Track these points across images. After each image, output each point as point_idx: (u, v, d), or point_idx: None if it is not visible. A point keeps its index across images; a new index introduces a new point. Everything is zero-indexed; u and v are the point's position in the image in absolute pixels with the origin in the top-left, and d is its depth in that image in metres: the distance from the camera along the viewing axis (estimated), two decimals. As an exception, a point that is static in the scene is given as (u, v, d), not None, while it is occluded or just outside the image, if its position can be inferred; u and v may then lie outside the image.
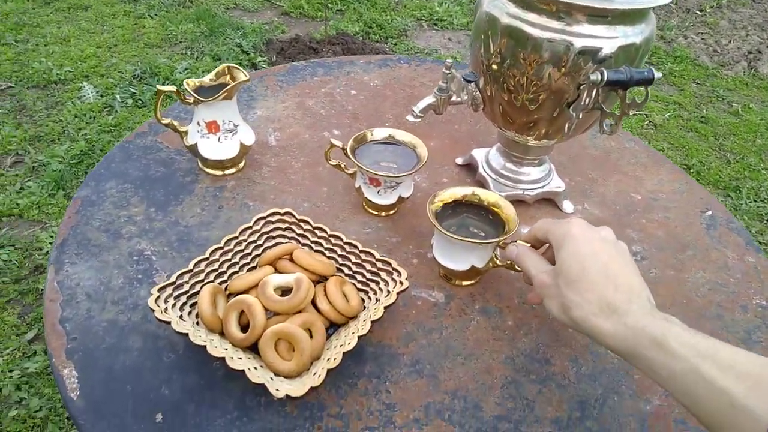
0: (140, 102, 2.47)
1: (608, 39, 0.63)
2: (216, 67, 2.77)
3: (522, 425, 0.57)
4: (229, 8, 3.29)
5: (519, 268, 0.62)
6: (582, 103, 0.65)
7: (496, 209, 0.68)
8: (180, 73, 2.64)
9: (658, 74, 0.61)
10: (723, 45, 3.34)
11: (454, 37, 3.25)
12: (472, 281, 0.71)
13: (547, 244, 0.59)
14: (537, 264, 0.57)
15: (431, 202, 0.67)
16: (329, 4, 3.34)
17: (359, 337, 0.56)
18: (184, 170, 0.83)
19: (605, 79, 0.60)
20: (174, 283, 0.59)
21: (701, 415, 0.42)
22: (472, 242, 0.64)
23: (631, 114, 0.64)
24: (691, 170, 2.36)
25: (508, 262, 0.65)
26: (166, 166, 0.83)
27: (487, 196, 0.69)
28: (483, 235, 0.69)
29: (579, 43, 0.63)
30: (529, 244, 0.61)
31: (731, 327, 0.69)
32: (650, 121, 2.65)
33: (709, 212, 0.86)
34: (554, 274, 0.53)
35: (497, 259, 0.68)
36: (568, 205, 0.84)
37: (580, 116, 0.67)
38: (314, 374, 0.54)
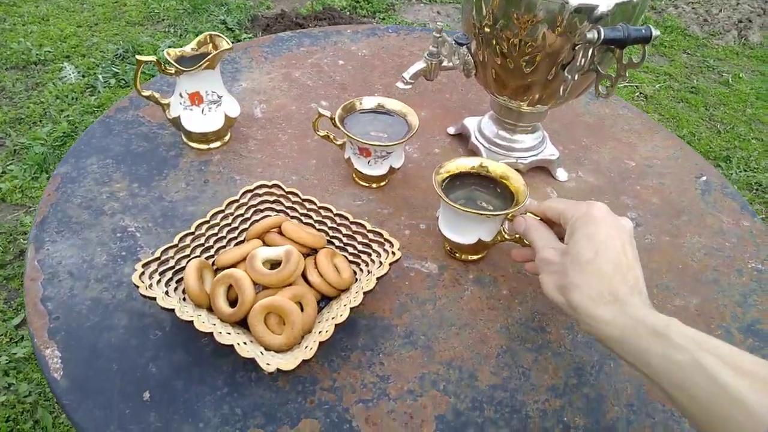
0: (123, 82, 2.41)
1: (603, -4, 0.60)
2: (200, 44, 2.70)
3: (518, 394, 0.56)
4: (211, -16, 3.21)
5: (527, 242, 0.60)
6: (577, 64, 0.63)
7: (504, 181, 0.66)
8: (163, 51, 2.58)
9: (656, 32, 0.59)
10: (713, 14, 3.31)
11: (443, 10, 3.20)
12: (479, 255, 0.68)
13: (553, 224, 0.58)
14: (546, 237, 0.56)
15: (437, 173, 0.64)
16: (315, -21, 3.27)
17: (351, 309, 0.54)
18: (167, 144, 0.80)
19: (602, 37, 0.58)
20: (159, 258, 0.57)
21: (694, 410, 0.41)
22: (480, 214, 0.61)
23: (626, 75, 0.62)
24: (682, 140, 2.35)
25: (517, 235, 0.63)
26: (149, 141, 0.80)
27: (495, 167, 0.66)
28: (491, 208, 0.66)
29: (575, 0, 0.60)
30: (538, 218, 0.59)
31: (727, 291, 0.68)
32: (641, 93, 2.63)
33: (704, 178, 0.85)
34: (562, 252, 0.52)
35: (505, 232, 0.65)
36: (562, 173, 0.82)
37: (575, 78, 0.65)
38: (305, 347, 0.52)
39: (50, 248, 0.65)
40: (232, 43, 0.76)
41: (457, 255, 0.68)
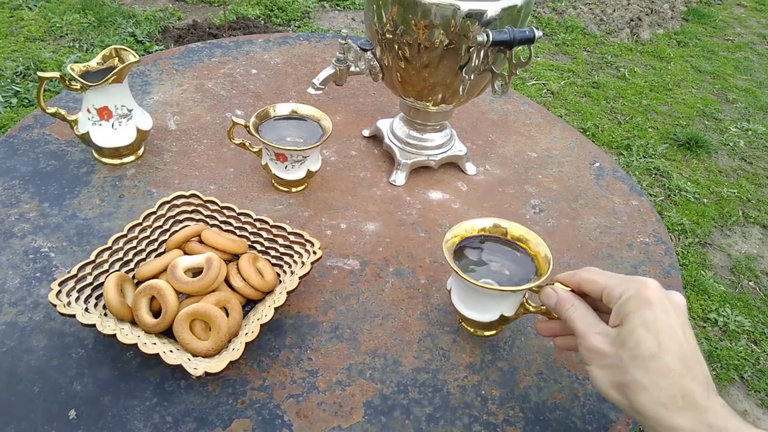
0: (27, 101, 2.29)
1: (492, 1, 0.66)
2: (108, 58, 2.60)
3: (439, 373, 0.60)
4: (117, -5, 3.10)
5: (557, 316, 0.52)
6: (473, 65, 0.68)
7: (522, 244, 0.60)
8: (68, 66, 2.47)
9: (538, 32, 0.65)
10: (608, 14, 3.56)
11: (357, 16, 3.25)
12: (496, 331, 0.63)
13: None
14: (587, 317, 0.48)
15: (446, 240, 0.58)
16: (226, -12, 3.23)
17: (276, 309, 0.56)
18: (77, 162, 0.79)
19: (491, 39, 0.63)
20: (76, 275, 0.57)
21: None
22: (503, 290, 0.55)
23: (518, 72, 0.68)
24: (587, 133, 2.51)
25: (543, 307, 0.57)
26: (58, 159, 0.79)
27: (512, 228, 0.61)
28: (507, 274, 0.59)
29: (465, 6, 0.65)
30: (569, 289, 0.52)
31: (620, 264, 0.76)
32: (547, 90, 2.79)
33: (597, 164, 0.93)
34: (615, 341, 0.45)
35: (529, 304, 0.59)
36: (471, 167, 0.88)
37: (472, 78, 0.70)
38: (232, 349, 0.54)
39: (-44, 275, 0.62)
40: (142, 56, 0.75)
41: (472, 331, 0.63)
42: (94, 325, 0.52)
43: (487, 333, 0.62)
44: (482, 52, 0.67)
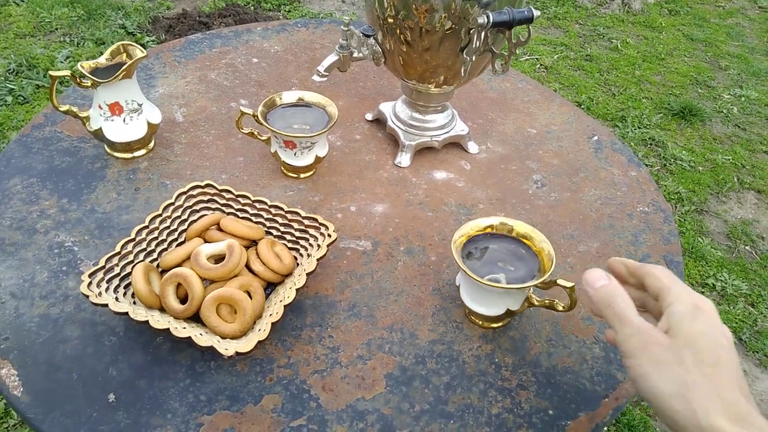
0: (21, 98, 2.29)
1: (489, -16, 0.68)
2: (101, 52, 2.60)
3: (454, 344, 0.63)
4: (104, -13, 3.07)
5: (597, 313, 0.50)
6: (473, 46, 0.70)
7: (526, 241, 0.63)
8: (61, 62, 2.46)
9: (537, 12, 0.67)
10: (598, -15, 3.54)
11: (346, -2, 3.23)
12: (503, 323, 0.66)
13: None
14: (634, 311, 0.47)
15: (454, 240, 0.61)
16: (214, -25, 3.20)
17: (297, 290, 0.59)
18: (91, 157, 0.81)
19: (491, 21, 0.65)
20: (104, 267, 0.60)
21: None
22: (511, 288, 0.58)
23: (517, 52, 0.70)
24: (582, 106, 2.53)
25: (546, 301, 0.62)
26: (72, 155, 0.81)
27: (517, 226, 0.64)
28: (512, 270, 0.62)
29: (464, -10, 0.67)
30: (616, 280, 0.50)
31: (621, 233, 0.79)
32: (541, 64, 2.80)
33: (596, 137, 0.96)
34: (675, 341, 0.43)
35: (534, 297, 0.63)
36: (473, 146, 0.90)
37: (473, 59, 0.72)
38: (259, 330, 0.57)
39: (-14, 272, 0.65)
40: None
41: (480, 323, 0.65)
42: (126, 313, 0.55)
43: (494, 325, 0.65)
44: (482, 33, 0.69)
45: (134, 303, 0.60)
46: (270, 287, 0.65)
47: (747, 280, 1.84)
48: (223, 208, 0.70)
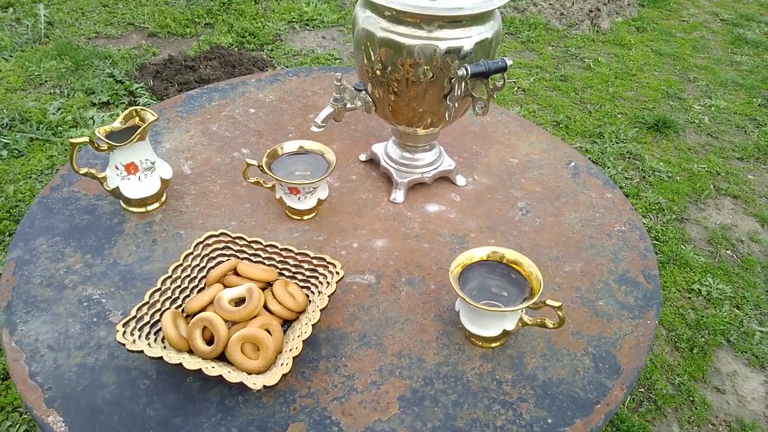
0: (16, 151, 2.35)
1: (466, 39, 0.76)
2: (92, 101, 2.67)
3: (458, 365, 0.69)
4: (90, 38, 3.16)
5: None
6: (455, 94, 0.78)
7: (516, 267, 0.70)
8: (53, 114, 2.53)
9: (509, 62, 0.75)
10: (568, 7, 3.70)
11: (327, 35, 3.35)
12: (500, 343, 0.71)
13: None
14: None
15: (451, 270, 0.68)
16: (196, 19, 3.31)
17: (312, 325, 0.65)
18: (108, 213, 0.87)
19: (469, 72, 0.73)
20: (135, 316, 0.65)
21: None
22: (504, 311, 0.65)
23: (495, 96, 0.78)
24: (560, 125, 2.63)
25: (538, 320, 0.69)
26: (90, 213, 0.87)
27: (507, 254, 0.70)
28: (506, 295, 0.70)
29: (443, 45, 0.75)
30: None
31: (602, 252, 0.86)
32: (519, 87, 2.91)
33: (573, 163, 1.04)
34: None
35: (527, 318, 0.69)
36: (460, 179, 0.98)
37: (456, 105, 0.80)
38: (281, 364, 0.63)
39: (23, 328, 0.70)
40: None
41: (480, 344, 0.71)
42: (160, 357, 0.61)
43: (492, 345, 0.72)
44: (462, 82, 0.76)
45: (164, 347, 0.66)
46: (285, 324, 0.71)
47: (731, 283, 1.92)
48: (238, 253, 0.77)
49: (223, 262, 0.75)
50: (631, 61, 3.22)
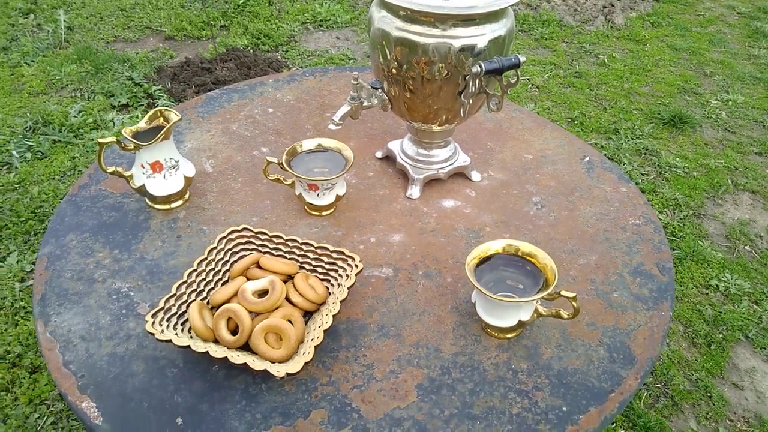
0: (40, 153, 2.41)
1: (479, 36, 0.77)
2: (111, 104, 2.73)
3: (474, 355, 0.71)
4: (109, 42, 3.22)
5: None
6: (470, 91, 0.80)
7: (531, 259, 0.71)
8: (75, 116, 2.59)
9: (522, 58, 0.77)
10: (581, 3, 3.69)
11: (341, 35, 3.37)
12: (516, 333, 0.73)
13: None
14: None
15: (467, 263, 0.69)
16: (212, 22, 3.35)
17: (333, 316, 0.67)
18: (134, 210, 0.90)
19: (483, 69, 0.75)
20: (163, 308, 0.68)
21: None
22: (519, 302, 0.66)
23: (509, 92, 0.79)
24: (575, 121, 2.63)
25: (553, 311, 0.70)
26: (117, 210, 0.90)
27: (522, 246, 0.72)
28: (521, 287, 0.71)
29: (458, 43, 0.77)
30: None
31: (616, 245, 0.87)
32: (533, 84, 2.91)
33: (587, 158, 1.05)
34: None
35: (542, 309, 0.71)
36: (476, 175, 0.99)
37: (470, 101, 0.81)
38: (303, 353, 0.65)
39: (57, 320, 0.73)
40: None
41: (496, 335, 0.73)
42: (188, 346, 0.64)
43: (508, 336, 0.73)
44: (477, 79, 0.78)
45: (191, 337, 0.68)
46: (306, 315, 0.74)
47: (749, 278, 1.91)
48: (260, 248, 0.79)
49: (246, 256, 0.78)
50: (646, 57, 3.20)
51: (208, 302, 0.73)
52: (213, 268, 0.75)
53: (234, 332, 0.69)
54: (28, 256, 1.88)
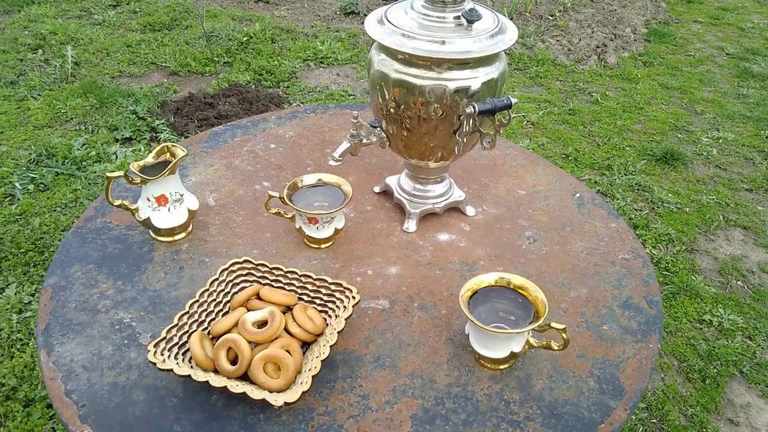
0: (42, 185, 2.44)
1: (473, 79, 0.82)
2: (115, 137, 2.78)
3: (468, 386, 0.73)
4: (114, 77, 3.30)
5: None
6: (464, 130, 0.84)
7: (522, 291, 0.74)
8: (78, 149, 2.63)
9: (514, 100, 0.81)
10: (575, 44, 3.80)
11: (341, 72, 3.46)
12: (509, 364, 0.75)
13: None
14: None
15: (461, 295, 0.72)
16: (216, 58, 3.44)
17: (330, 347, 0.69)
18: (138, 242, 0.92)
19: (477, 110, 0.79)
20: (165, 338, 0.70)
21: None
22: (510, 333, 0.69)
23: (501, 131, 0.83)
24: (570, 158, 2.68)
25: (544, 342, 0.72)
26: (122, 242, 0.92)
27: (513, 279, 0.74)
28: (513, 319, 0.74)
29: (452, 85, 0.81)
30: None
31: (606, 279, 0.89)
32: (528, 121, 2.98)
33: (578, 194, 1.08)
34: None
35: (533, 341, 0.72)
36: (470, 210, 1.02)
37: (465, 140, 0.85)
38: (301, 383, 0.66)
39: (60, 350, 0.75)
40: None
41: (489, 366, 0.75)
42: (189, 376, 0.65)
43: (501, 367, 0.75)
44: (471, 119, 0.82)
45: (191, 367, 0.70)
46: (305, 346, 0.75)
47: (742, 314, 1.93)
48: (260, 279, 0.81)
49: (247, 287, 0.80)
50: (639, 95, 3.28)
51: (208, 332, 0.75)
52: (214, 299, 0.77)
53: (233, 362, 0.70)
54: (27, 288, 1.90)
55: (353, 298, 0.76)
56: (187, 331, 0.73)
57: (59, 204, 2.33)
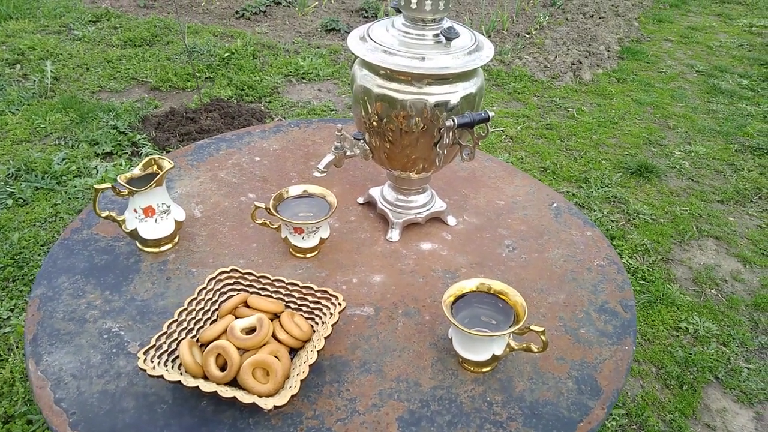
0: (21, 200, 2.42)
1: (452, 93, 0.85)
2: (95, 152, 2.77)
3: (452, 389, 0.75)
4: (94, 92, 3.29)
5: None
6: (444, 142, 0.87)
7: (502, 296, 0.77)
8: (58, 164, 2.61)
9: (491, 113, 0.84)
10: (551, 60, 3.89)
11: (322, 87, 3.50)
12: (491, 367, 0.77)
13: None
14: None
15: (444, 300, 0.75)
16: (197, 74, 3.45)
17: (318, 352, 0.71)
18: (125, 253, 0.93)
19: (456, 123, 0.82)
20: (155, 345, 0.71)
21: None
22: (492, 336, 0.71)
23: (479, 144, 0.86)
24: (548, 171, 2.75)
25: (524, 345, 0.75)
26: (108, 253, 0.93)
27: (494, 285, 0.77)
28: (494, 323, 0.76)
29: (433, 99, 0.84)
30: None
31: (582, 285, 0.93)
32: (507, 135, 3.04)
33: (555, 204, 1.12)
34: None
35: (514, 344, 0.75)
36: (451, 219, 1.05)
37: (445, 152, 0.88)
38: (290, 387, 0.68)
39: (48, 359, 0.75)
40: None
41: (472, 369, 0.77)
42: (179, 382, 0.66)
43: (483, 370, 0.78)
44: (450, 132, 0.85)
45: (181, 374, 0.71)
46: (292, 352, 0.77)
47: (716, 321, 1.99)
48: (248, 288, 0.83)
49: (234, 295, 0.82)
50: (613, 110, 3.37)
51: (197, 340, 0.76)
52: (202, 308, 0.79)
53: (222, 368, 0.72)
54: (6, 303, 1.87)
55: (339, 304, 0.78)
56: (176, 339, 0.74)
57: (39, 219, 2.31)
